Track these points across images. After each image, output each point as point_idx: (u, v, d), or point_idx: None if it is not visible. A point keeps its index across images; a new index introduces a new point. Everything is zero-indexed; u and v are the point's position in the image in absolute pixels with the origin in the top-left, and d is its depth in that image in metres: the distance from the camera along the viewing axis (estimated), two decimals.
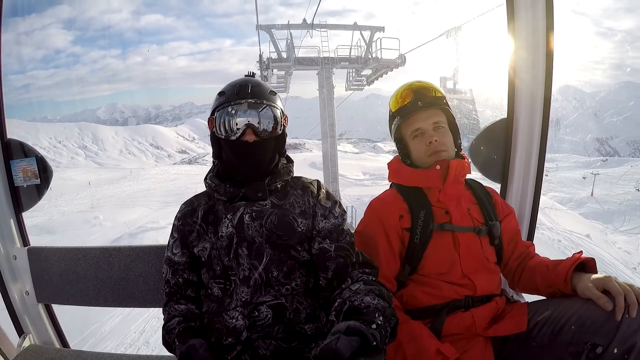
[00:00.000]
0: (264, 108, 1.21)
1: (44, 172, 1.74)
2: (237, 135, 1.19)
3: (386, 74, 13.37)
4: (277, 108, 1.24)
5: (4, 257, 1.72)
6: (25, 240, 1.78)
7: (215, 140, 1.26)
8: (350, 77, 14.13)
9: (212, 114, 1.24)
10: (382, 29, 12.82)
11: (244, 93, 1.20)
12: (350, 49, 13.23)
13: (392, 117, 1.42)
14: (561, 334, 1.09)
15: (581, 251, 1.22)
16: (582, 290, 1.09)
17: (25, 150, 1.73)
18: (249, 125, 1.19)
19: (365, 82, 14.30)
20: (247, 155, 1.21)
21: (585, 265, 1.17)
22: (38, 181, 1.73)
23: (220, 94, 1.24)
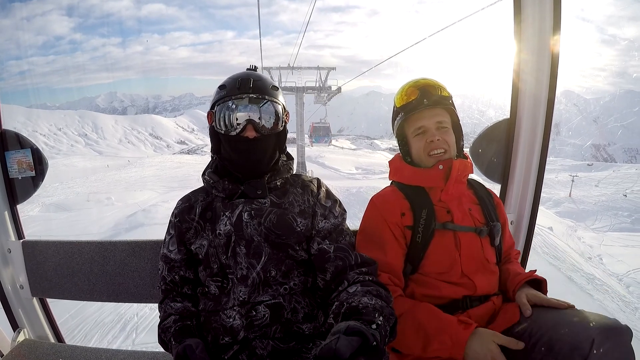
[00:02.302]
0: (265, 103, 1.18)
1: (40, 164, 1.71)
2: (237, 130, 1.17)
3: (335, 95, 23.52)
4: (279, 103, 1.22)
5: None
6: (20, 234, 1.75)
7: (214, 135, 1.23)
8: (315, 96, 24.04)
9: (212, 107, 1.21)
10: (334, 68, 23.32)
11: (245, 87, 1.17)
12: (316, 82, 23.02)
13: (396, 112, 1.39)
14: (533, 352, 1.09)
15: (535, 270, 1.32)
16: (517, 297, 1.22)
17: (20, 141, 1.70)
18: (249, 121, 1.17)
19: (325, 99, 23.89)
20: (247, 151, 1.19)
21: (540, 285, 1.26)
22: (33, 173, 1.70)
23: (221, 87, 1.21)
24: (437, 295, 1.24)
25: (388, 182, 1.47)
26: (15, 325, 1.73)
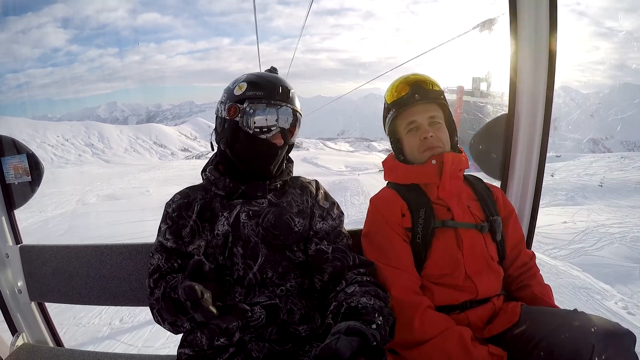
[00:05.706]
0: (295, 116, 1.22)
1: (36, 169, 1.71)
2: (268, 135, 1.18)
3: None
4: (301, 116, 1.26)
5: None
6: (17, 238, 1.75)
7: (234, 128, 1.19)
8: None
9: (240, 102, 1.17)
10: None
11: (285, 96, 1.19)
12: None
13: (386, 109, 1.36)
14: (531, 357, 1.06)
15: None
16: None
17: (17, 147, 1.71)
18: (281, 130, 1.19)
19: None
20: (268, 155, 1.20)
21: None
22: (29, 178, 1.70)
23: (254, 85, 1.18)
24: (438, 299, 1.20)
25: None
26: (14, 330, 1.73)
